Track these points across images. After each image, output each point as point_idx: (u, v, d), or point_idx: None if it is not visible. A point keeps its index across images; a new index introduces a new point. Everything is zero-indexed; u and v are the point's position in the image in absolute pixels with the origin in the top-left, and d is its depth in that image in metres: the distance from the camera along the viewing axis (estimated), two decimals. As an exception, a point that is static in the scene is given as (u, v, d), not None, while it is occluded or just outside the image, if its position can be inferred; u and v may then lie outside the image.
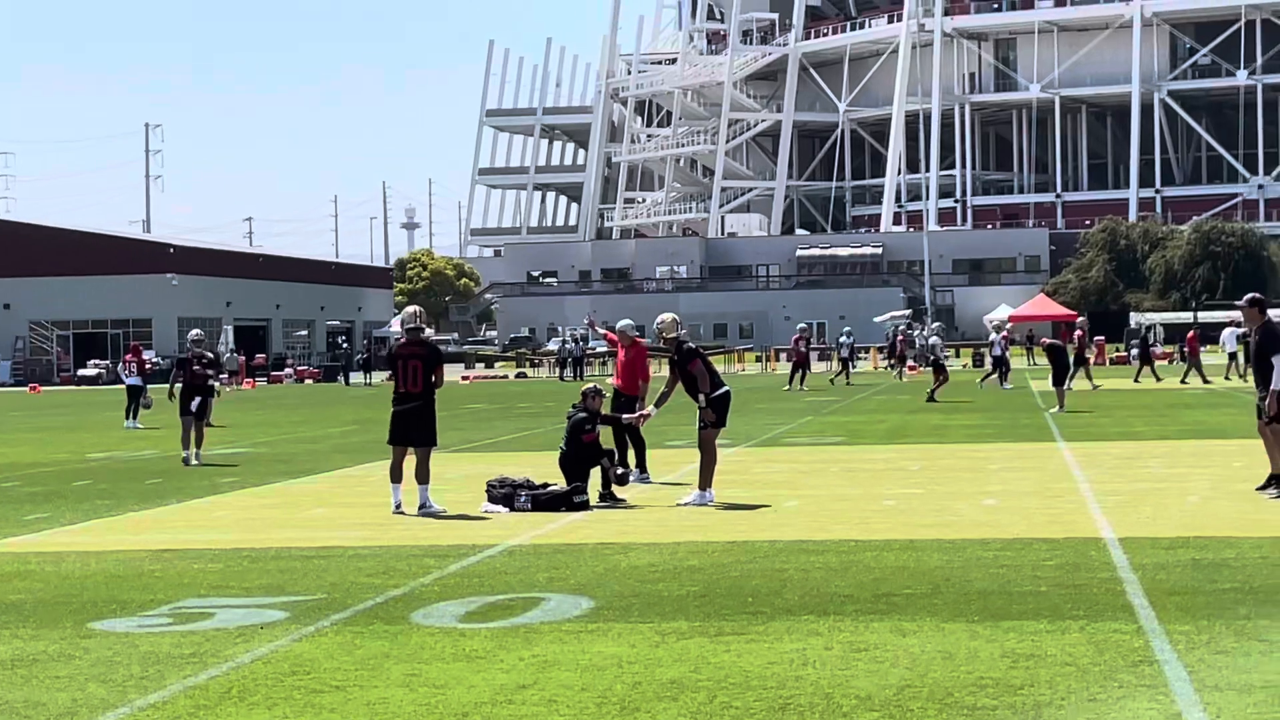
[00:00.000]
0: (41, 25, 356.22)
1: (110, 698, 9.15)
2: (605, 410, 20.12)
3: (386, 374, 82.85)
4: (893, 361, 73.25)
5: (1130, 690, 8.75)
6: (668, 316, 19.89)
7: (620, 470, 18.99)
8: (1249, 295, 18.55)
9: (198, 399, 27.42)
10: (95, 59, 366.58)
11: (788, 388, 53.82)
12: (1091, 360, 56.82)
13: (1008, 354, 52.42)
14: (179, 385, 27.81)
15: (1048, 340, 41.21)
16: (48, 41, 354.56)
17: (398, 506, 18.20)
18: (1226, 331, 57.36)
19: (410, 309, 19.35)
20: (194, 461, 26.83)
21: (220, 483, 23.37)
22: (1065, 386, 38.85)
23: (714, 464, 18.80)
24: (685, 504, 18.48)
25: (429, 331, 19.34)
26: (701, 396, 18.54)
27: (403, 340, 18.98)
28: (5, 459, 30.25)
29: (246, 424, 41.70)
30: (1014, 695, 8.69)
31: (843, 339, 63.12)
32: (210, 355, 28.79)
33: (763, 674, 9.33)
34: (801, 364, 55.89)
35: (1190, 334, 56.94)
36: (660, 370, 24.72)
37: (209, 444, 28.79)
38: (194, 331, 29.24)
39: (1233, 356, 55.90)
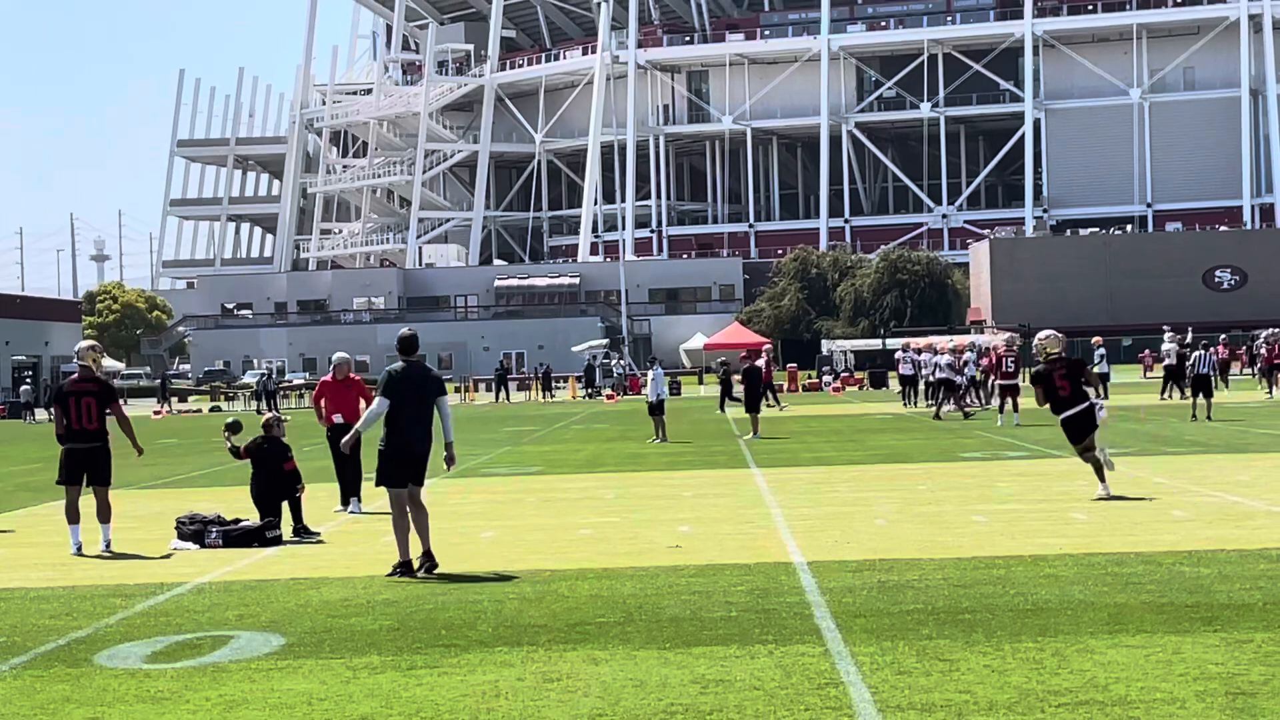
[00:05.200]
0: None
1: None
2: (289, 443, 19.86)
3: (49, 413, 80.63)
4: (590, 391, 73.66)
5: (816, 713, 8.90)
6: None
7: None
8: None
9: None
10: None
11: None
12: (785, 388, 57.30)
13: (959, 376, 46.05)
14: None
15: (747, 366, 41.72)
16: None
17: (78, 548, 17.66)
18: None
19: (83, 344, 18.64)
20: None
21: (-104, 525, 22.49)
22: (759, 413, 39.52)
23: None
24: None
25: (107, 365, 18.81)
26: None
27: (75, 376, 18.31)
28: None
29: (-74, 463, 40.27)
30: (703, 720, 8.77)
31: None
32: None
33: (454, 706, 9.29)
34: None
35: (1274, 345, 55.39)
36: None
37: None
38: None
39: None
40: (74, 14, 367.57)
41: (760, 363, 44.39)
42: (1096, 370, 51.45)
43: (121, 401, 18.18)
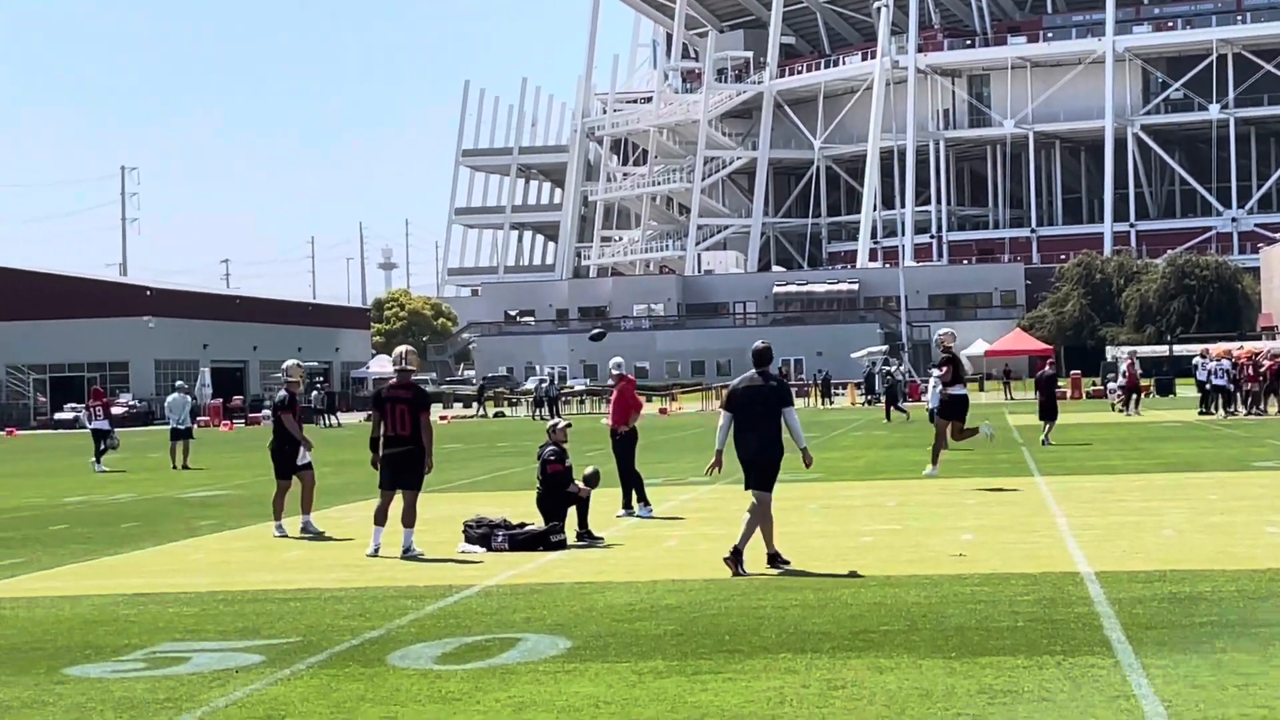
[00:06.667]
0: (15, 69, 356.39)
1: (84, 744, 9.10)
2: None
3: (365, 414, 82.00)
4: (870, 398, 73.28)
5: (1107, 725, 8.74)
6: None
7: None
8: None
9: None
10: (71, 103, 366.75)
11: None
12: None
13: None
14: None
15: (1040, 373, 41.41)
16: (22, 85, 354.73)
17: (376, 550, 18.09)
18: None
19: (400, 349, 18.93)
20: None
21: (197, 525, 23.30)
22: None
23: None
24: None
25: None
26: None
27: (392, 382, 18.71)
28: (-19, 504, 30.11)
29: (224, 466, 41.59)
30: (991, 731, 8.67)
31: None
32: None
33: (739, 713, 9.30)
34: None
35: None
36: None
37: (188, 484, 28.58)
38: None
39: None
40: (363, 28, 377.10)
41: (1048, 370, 43.58)
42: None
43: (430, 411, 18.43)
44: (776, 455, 15.85)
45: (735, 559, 15.58)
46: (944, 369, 27.38)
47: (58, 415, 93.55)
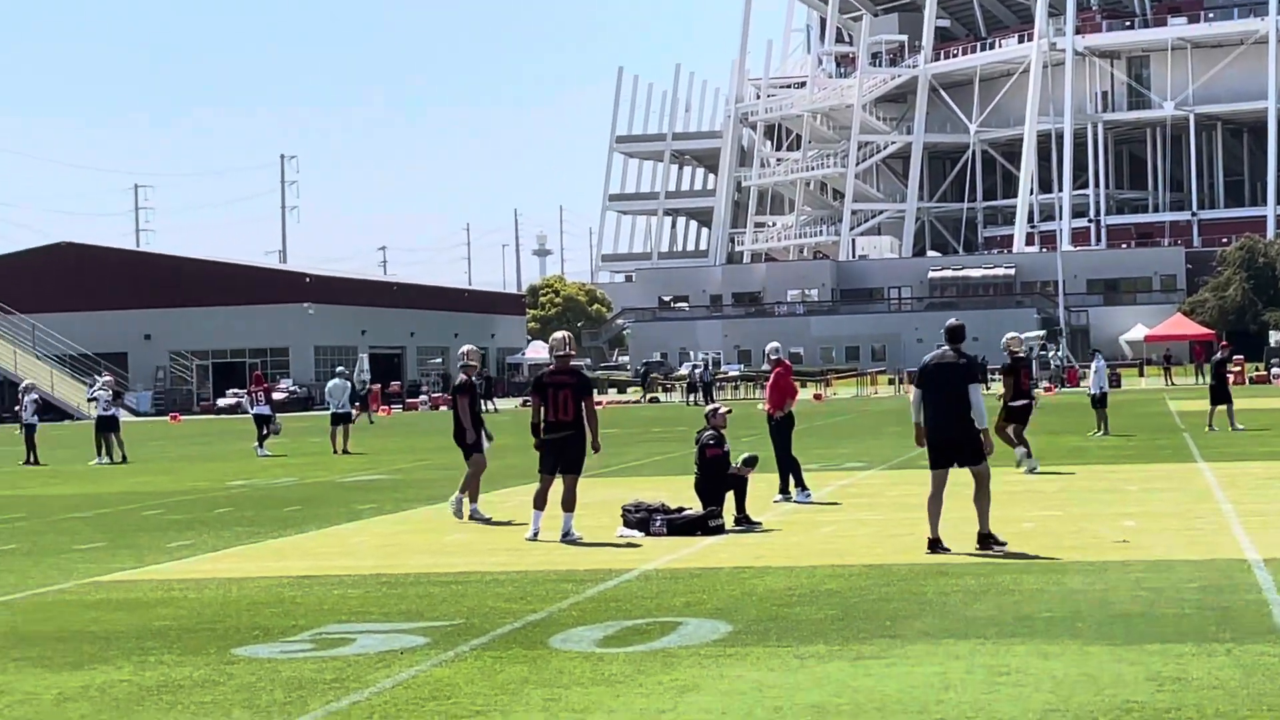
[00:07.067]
0: (177, 60, 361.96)
1: (255, 722, 9.24)
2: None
3: (520, 400, 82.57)
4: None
5: (1280, 714, 8.60)
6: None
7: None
8: None
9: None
10: (231, 92, 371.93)
11: None
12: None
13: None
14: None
15: (1217, 358, 40.54)
16: (184, 75, 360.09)
17: (535, 534, 18.19)
18: None
19: (560, 335, 18.90)
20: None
21: (359, 509, 23.58)
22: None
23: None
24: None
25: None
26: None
27: (552, 368, 18.71)
28: (148, 487, 30.71)
29: (383, 451, 42.06)
30: (1160, 719, 8.56)
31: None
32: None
33: (904, 698, 9.25)
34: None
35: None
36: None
37: (349, 469, 28.89)
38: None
39: None
40: (518, 16, 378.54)
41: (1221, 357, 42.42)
42: None
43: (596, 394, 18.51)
44: (965, 431, 15.82)
45: (985, 542, 15.79)
46: (1006, 377, 27.39)
47: (220, 401, 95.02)
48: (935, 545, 15.81)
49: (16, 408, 51.12)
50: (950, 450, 15.87)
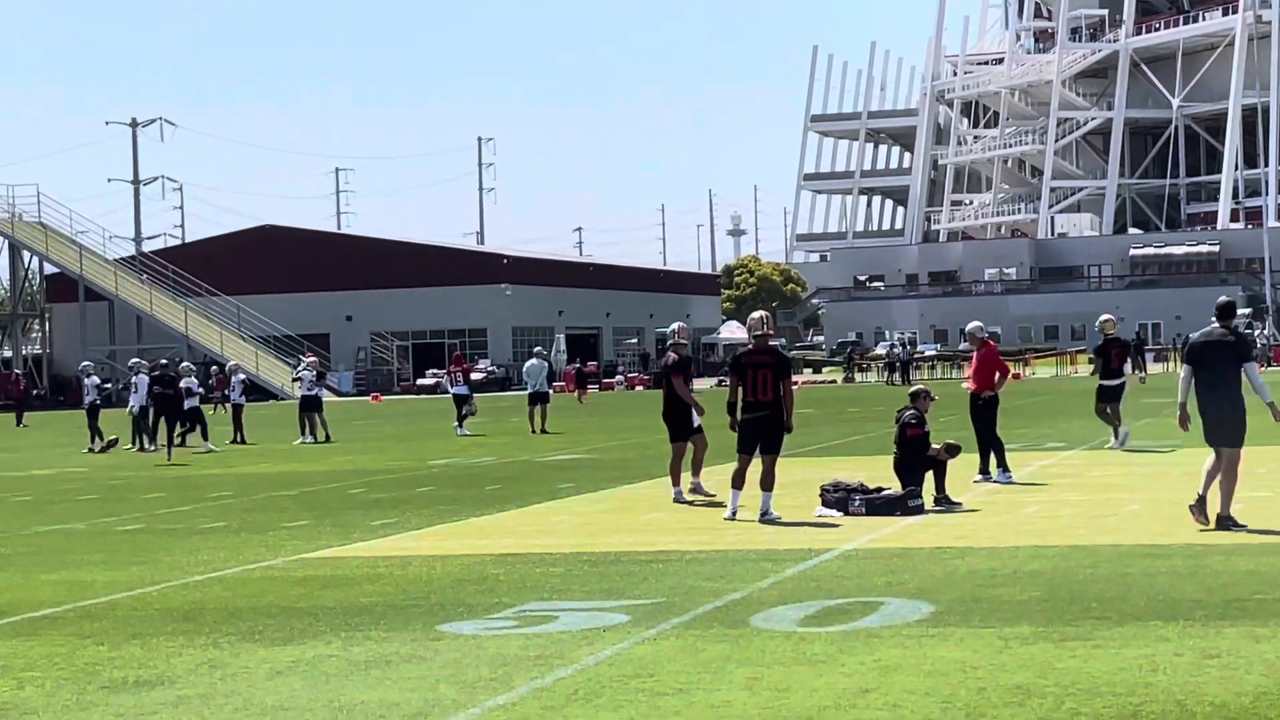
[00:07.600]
0: (377, 46, 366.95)
1: (461, 698, 9.35)
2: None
3: (715, 380, 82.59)
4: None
5: None
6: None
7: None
8: None
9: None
10: (430, 77, 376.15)
11: None
12: None
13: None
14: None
15: None
16: (384, 61, 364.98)
17: (734, 513, 18.21)
18: None
19: (757, 315, 18.94)
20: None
21: (558, 488, 23.78)
22: None
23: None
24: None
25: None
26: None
27: (750, 347, 18.72)
28: (352, 466, 31.24)
29: (580, 430, 42.34)
30: (1378, 704, 8.39)
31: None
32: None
33: (1111, 680, 9.14)
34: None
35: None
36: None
37: (547, 448, 29.07)
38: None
39: None
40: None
41: None
42: None
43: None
44: (1234, 411, 15.65)
45: (1224, 524, 15.56)
46: (1096, 359, 28.35)
47: (420, 381, 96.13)
48: (1225, 522, 15.66)
49: (225, 389, 52.11)
50: (1217, 427, 15.66)
